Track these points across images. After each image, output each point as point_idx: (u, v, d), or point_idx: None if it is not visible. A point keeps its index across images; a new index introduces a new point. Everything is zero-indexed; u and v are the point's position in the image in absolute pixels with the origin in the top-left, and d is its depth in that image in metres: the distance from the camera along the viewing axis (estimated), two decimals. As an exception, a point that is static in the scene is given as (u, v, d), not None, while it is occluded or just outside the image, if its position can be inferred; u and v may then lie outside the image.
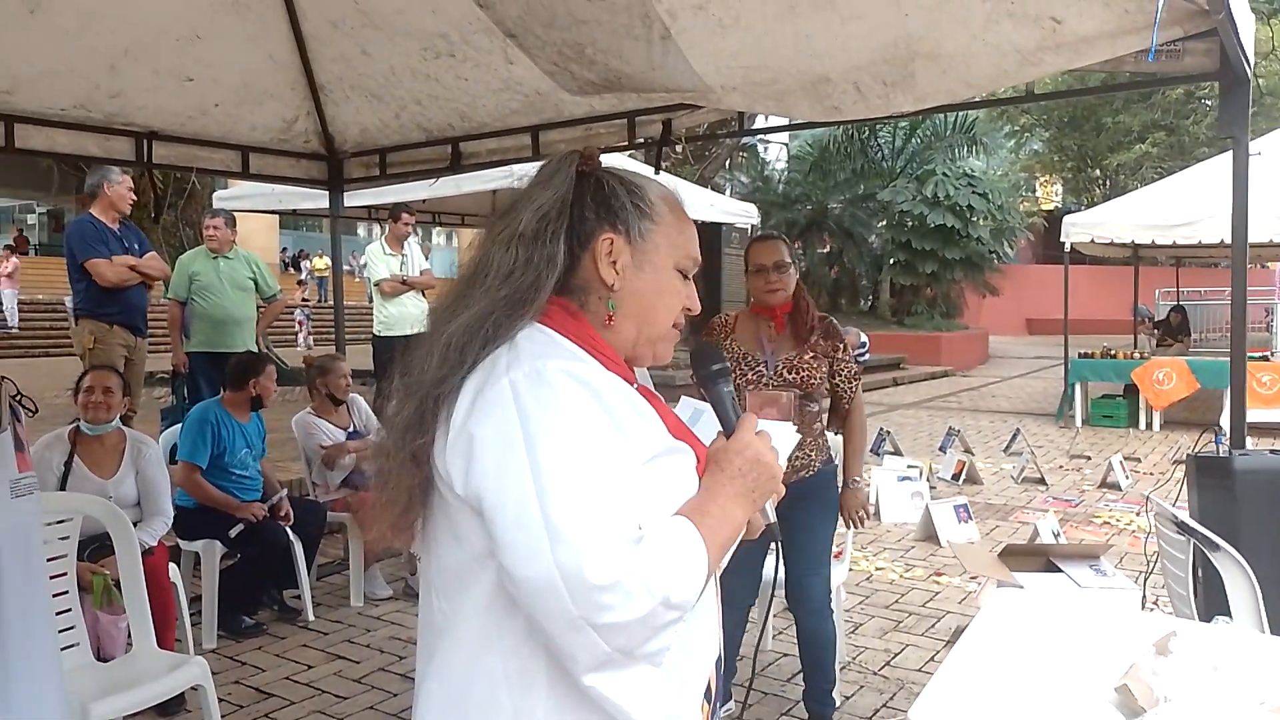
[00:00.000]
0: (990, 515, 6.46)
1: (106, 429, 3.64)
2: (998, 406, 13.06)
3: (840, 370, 3.12)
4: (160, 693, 2.81)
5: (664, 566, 1.04)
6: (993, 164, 27.08)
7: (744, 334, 3.14)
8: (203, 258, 6.04)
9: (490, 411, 1.09)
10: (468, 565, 1.13)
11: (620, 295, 1.22)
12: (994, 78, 2.96)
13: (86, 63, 3.70)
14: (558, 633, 1.03)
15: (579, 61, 3.43)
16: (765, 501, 1.22)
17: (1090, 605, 2.17)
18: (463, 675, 1.14)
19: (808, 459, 3.05)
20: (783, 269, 3.04)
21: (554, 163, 1.25)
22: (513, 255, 1.19)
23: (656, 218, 1.24)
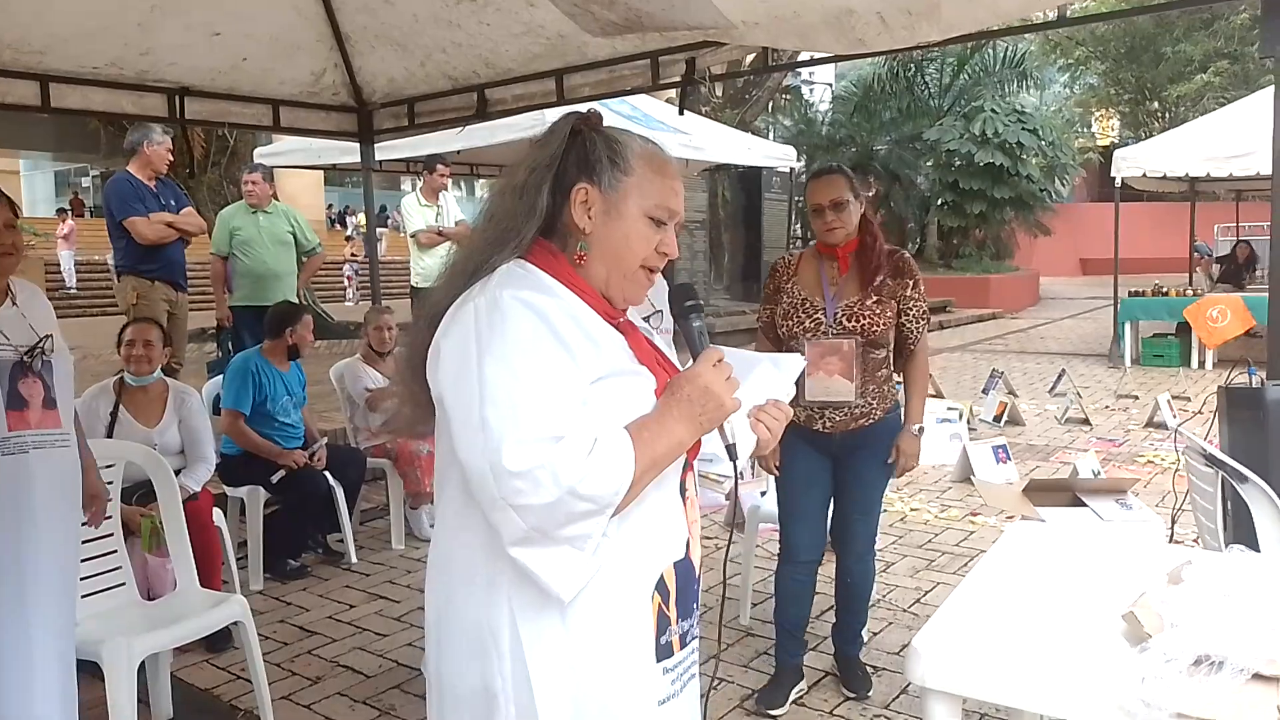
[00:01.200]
0: (1031, 456, 6.39)
1: (149, 379, 3.76)
2: (1046, 348, 12.83)
3: (910, 309, 2.93)
4: (201, 627, 2.94)
5: (577, 462, 1.22)
6: (1046, 99, 26.24)
7: (806, 276, 3.00)
8: (243, 213, 6.14)
9: (456, 329, 1.32)
10: (447, 457, 1.35)
11: (591, 238, 1.41)
12: (1023, 4, 2.87)
13: (116, 20, 3.74)
14: (487, 511, 1.27)
15: (599, 2, 3.38)
16: (713, 426, 1.38)
17: (1110, 538, 2.16)
18: (447, 549, 1.40)
19: (869, 406, 2.92)
20: (841, 207, 2.87)
21: (556, 124, 1.45)
22: (504, 204, 1.42)
23: (629, 170, 1.41)
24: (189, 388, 3.98)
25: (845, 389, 2.86)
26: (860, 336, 2.86)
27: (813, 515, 3.05)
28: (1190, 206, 13.96)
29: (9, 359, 2.42)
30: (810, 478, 3.01)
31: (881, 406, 2.94)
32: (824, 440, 2.95)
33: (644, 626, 1.38)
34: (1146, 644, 1.51)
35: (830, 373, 2.88)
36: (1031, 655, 1.54)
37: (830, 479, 3.03)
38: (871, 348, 2.88)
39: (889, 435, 2.98)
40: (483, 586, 1.34)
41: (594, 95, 4.14)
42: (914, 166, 21.20)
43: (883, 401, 2.95)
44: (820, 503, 3.05)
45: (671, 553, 1.41)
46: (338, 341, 10.81)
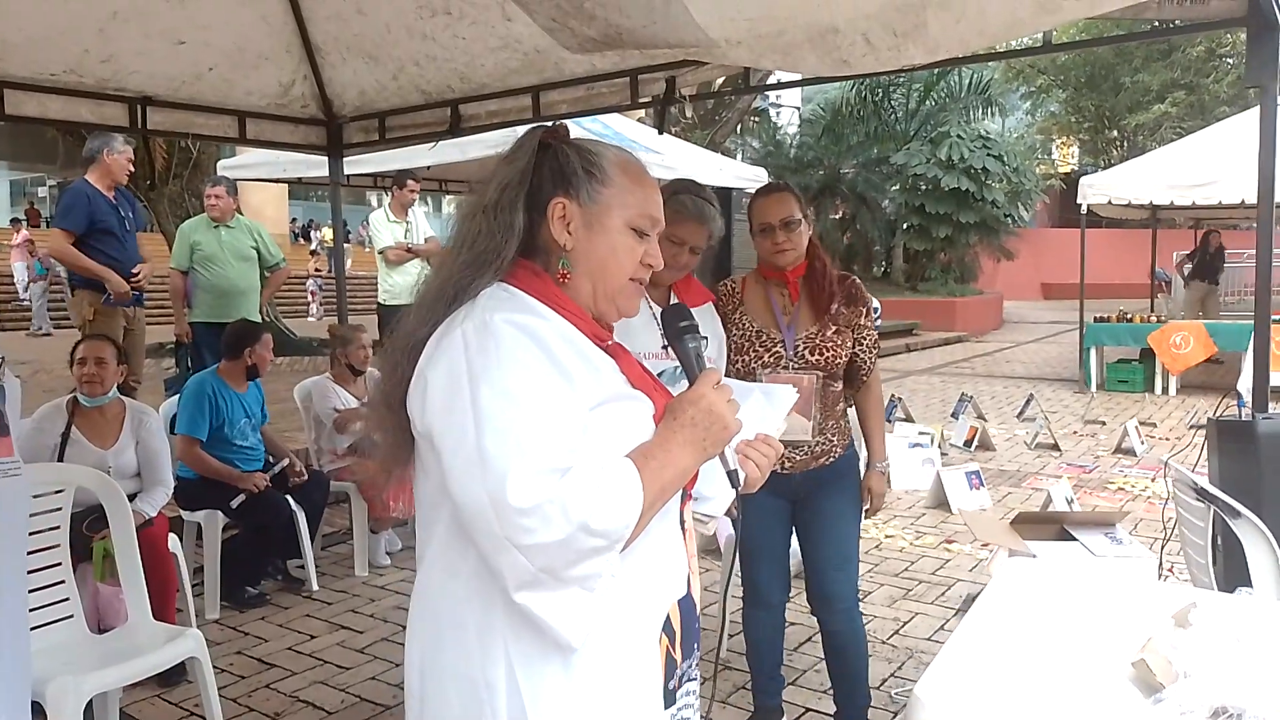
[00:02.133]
0: (1003, 482, 6.38)
1: (103, 400, 3.59)
2: (1012, 372, 12.93)
3: (863, 339, 2.74)
4: (154, 665, 2.78)
5: (586, 496, 1.14)
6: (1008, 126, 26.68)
7: (754, 304, 2.76)
8: (204, 227, 5.98)
9: (443, 357, 1.23)
10: (433, 497, 1.27)
11: (573, 254, 1.34)
12: (1009, 26, 2.83)
13: (75, 26, 3.60)
14: (489, 553, 1.16)
15: (578, 17, 3.31)
16: (717, 450, 1.31)
17: (1105, 575, 2.10)
18: (435, 595, 1.30)
19: (828, 444, 2.72)
20: (792, 226, 2.65)
21: (522, 138, 1.38)
22: (477, 225, 1.33)
23: (607, 181, 1.34)
24: (147, 408, 3.81)
25: (802, 427, 2.64)
26: (822, 371, 2.65)
27: (777, 554, 2.86)
28: (1152, 233, 14.19)
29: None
30: (771, 521, 2.81)
31: (841, 443, 2.76)
32: (783, 482, 2.67)
33: (654, 671, 1.30)
34: (1160, 695, 1.44)
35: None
36: (1041, 704, 1.46)
37: (790, 520, 2.83)
38: (830, 381, 2.70)
39: (851, 471, 2.80)
40: (475, 637, 1.24)
41: (571, 112, 4.06)
42: (881, 190, 21.42)
43: (842, 437, 2.76)
44: (783, 540, 2.86)
45: (675, 589, 1.35)
46: (300, 359, 10.60)
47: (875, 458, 2.82)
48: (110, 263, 5.07)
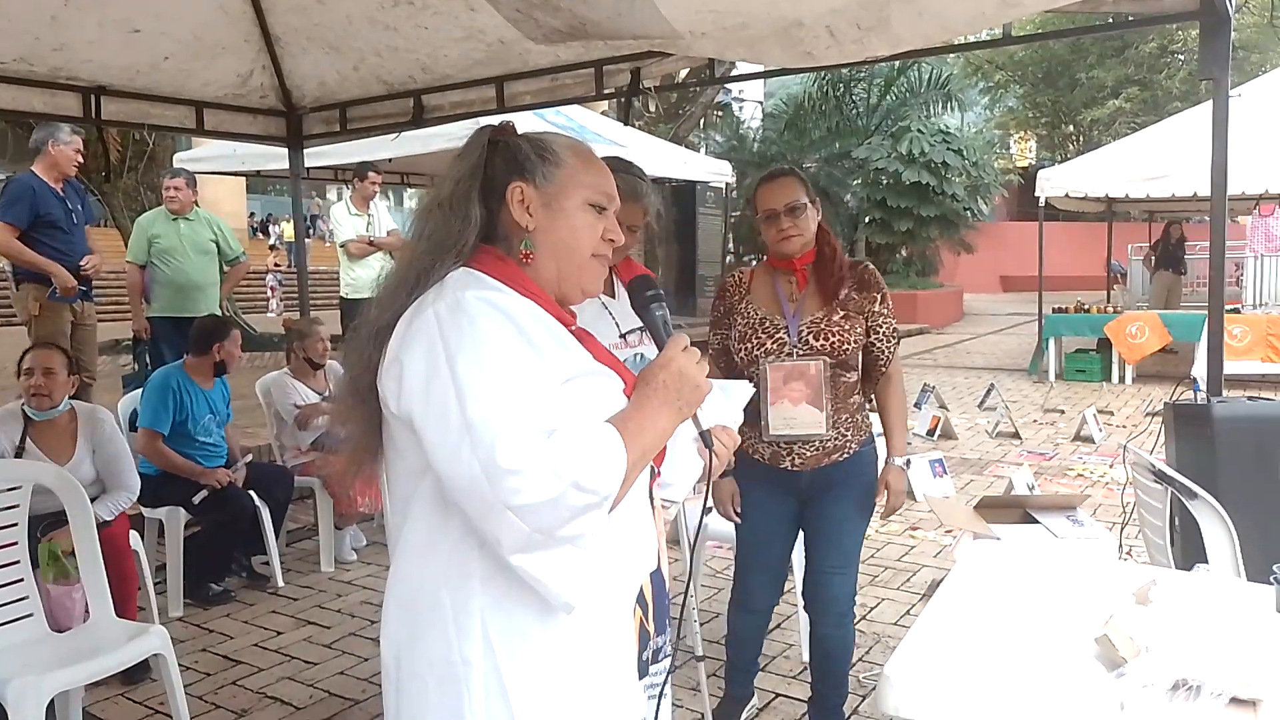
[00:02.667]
0: (965, 470, 6.47)
1: (53, 414, 3.38)
2: (972, 363, 13.10)
3: (879, 327, 2.60)
4: (117, 663, 2.73)
5: (574, 454, 1.16)
6: (968, 121, 26.99)
7: (761, 293, 2.67)
8: (163, 220, 5.88)
9: (417, 338, 1.25)
10: (408, 479, 1.30)
11: (535, 234, 1.37)
12: (972, 20, 2.87)
13: (25, 13, 3.52)
14: (482, 518, 1.18)
15: (543, 8, 3.29)
16: (691, 411, 1.34)
17: (1067, 556, 2.14)
18: (410, 580, 1.31)
19: (842, 439, 2.57)
20: (797, 212, 2.55)
21: (472, 137, 1.43)
22: (434, 220, 1.37)
23: (560, 163, 1.39)
24: (101, 410, 3.60)
25: (814, 419, 2.52)
26: (829, 357, 2.53)
27: (773, 567, 2.77)
28: (1108, 226, 14.44)
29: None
30: (774, 529, 2.70)
31: (856, 438, 2.60)
32: (791, 480, 2.60)
33: (628, 641, 1.34)
34: (1122, 669, 1.48)
35: (796, 400, 2.54)
36: (1007, 681, 1.49)
37: (795, 525, 2.71)
38: (842, 370, 2.56)
39: (866, 471, 2.63)
40: (451, 615, 1.26)
41: (535, 104, 4.05)
42: (843, 184, 21.57)
43: (857, 433, 2.60)
44: (782, 554, 2.77)
45: (647, 563, 1.39)
46: (260, 354, 10.46)
47: (895, 452, 2.67)
48: (57, 256, 4.96)
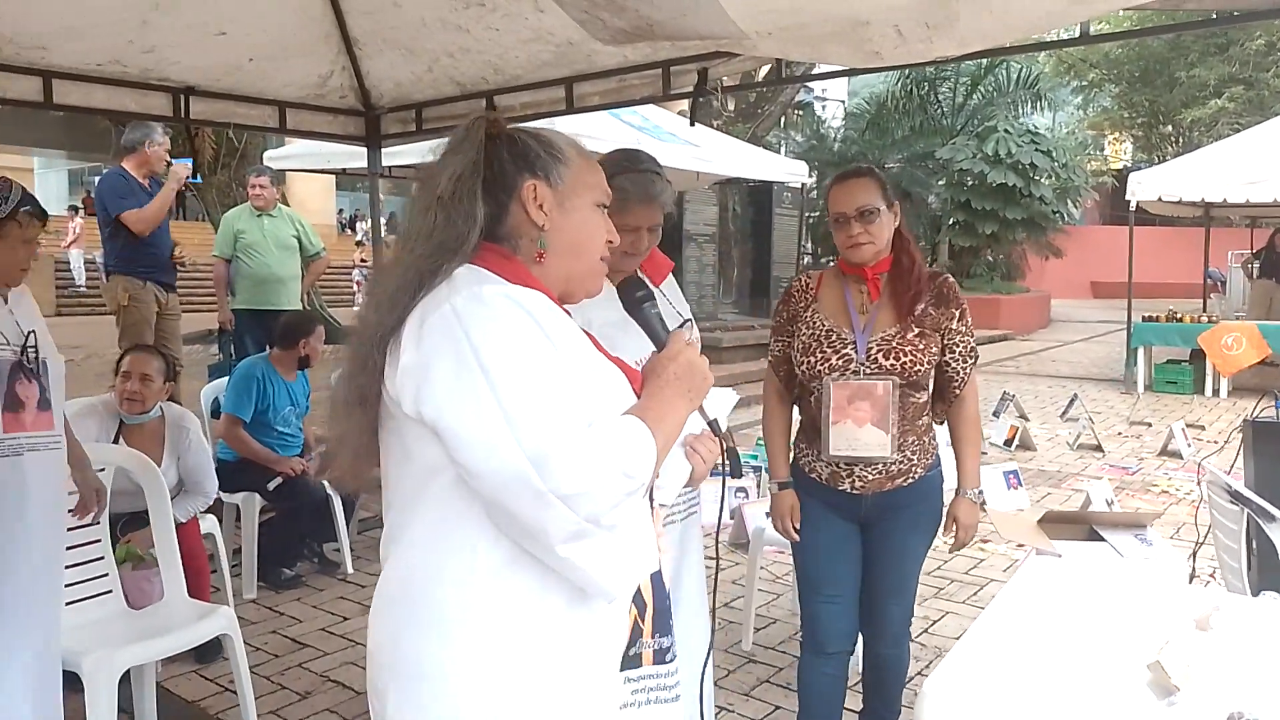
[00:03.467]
0: (1042, 482, 6.28)
1: (144, 419, 3.48)
2: (1057, 371, 12.71)
3: (956, 345, 2.39)
4: (186, 641, 2.86)
5: (617, 441, 1.19)
6: (1059, 121, 26.19)
7: (829, 302, 2.46)
8: (247, 216, 6.10)
9: (436, 335, 1.22)
10: (417, 479, 1.27)
11: (549, 234, 1.35)
12: (1042, 18, 2.78)
13: (118, 17, 3.67)
14: (528, 512, 1.16)
15: (609, 9, 3.30)
16: (699, 401, 1.37)
17: (1131, 576, 2.06)
18: (409, 578, 1.28)
19: (907, 463, 2.39)
20: (870, 217, 2.35)
21: (462, 130, 1.37)
22: (432, 218, 1.31)
23: (568, 161, 1.38)
24: (188, 416, 3.67)
25: (878, 442, 2.35)
26: (899, 377, 2.33)
27: (843, 596, 2.51)
28: (1205, 232, 13.84)
29: (7, 359, 2.37)
30: (836, 550, 2.51)
31: (922, 462, 2.41)
32: (852, 503, 2.44)
33: (618, 638, 1.33)
34: (1174, 697, 1.42)
35: (860, 421, 2.36)
36: (1049, 704, 1.45)
37: (859, 551, 2.52)
38: (911, 390, 2.37)
39: (930, 497, 2.46)
40: (453, 617, 1.24)
41: (603, 104, 4.06)
42: (926, 185, 21.14)
43: (924, 456, 2.42)
44: (851, 580, 2.52)
45: (649, 564, 1.36)
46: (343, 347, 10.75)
47: (967, 483, 2.47)
48: (145, 248, 5.19)
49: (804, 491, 2.51)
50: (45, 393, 2.46)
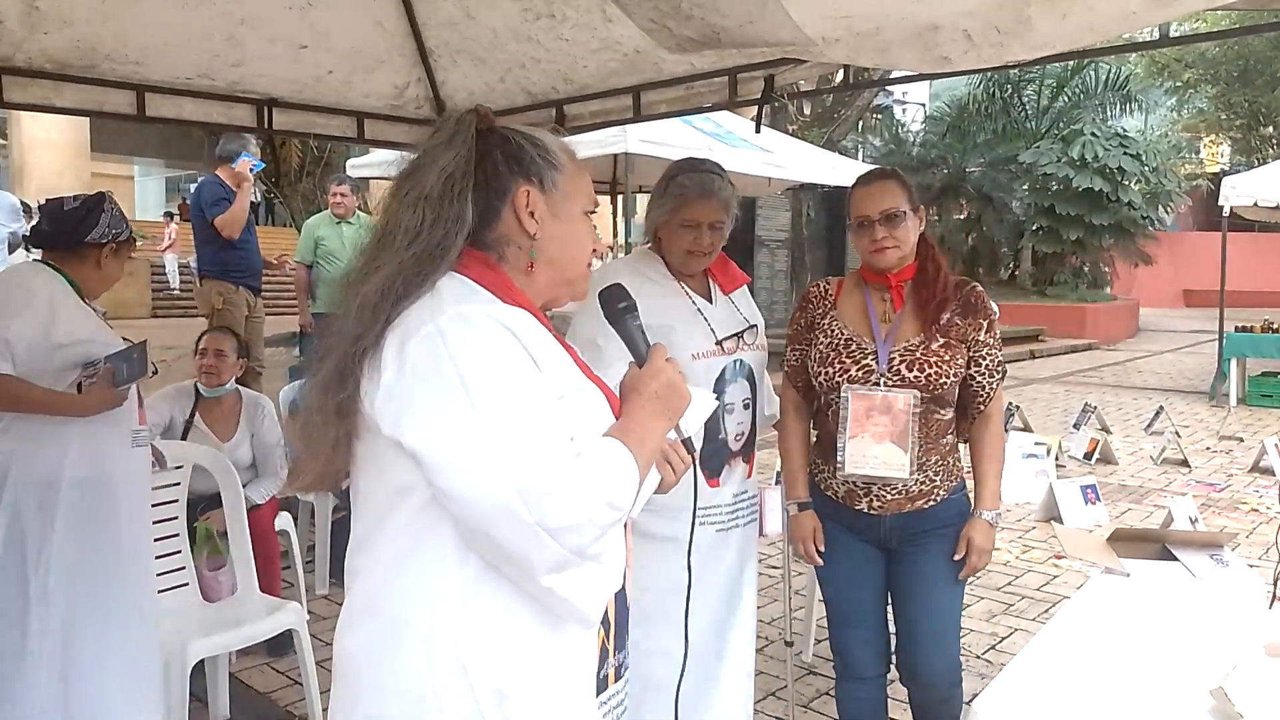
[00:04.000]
0: (1123, 497, 6.07)
1: (220, 392, 3.71)
2: (1144, 383, 12.26)
3: (982, 359, 2.25)
4: (256, 633, 2.97)
5: (602, 472, 1.17)
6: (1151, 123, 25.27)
7: (848, 309, 2.35)
8: (327, 223, 6.29)
9: (420, 358, 1.16)
10: (388, 497, 1.22)
11: (540, 243, 1.30)
12: (1121, 20, 2.69)
13: (207, 33, 3.83)
14: (513, 542, 1.14)
15: (676, 17, 3.33)
16: (677, 419, 1.34)
17: (1202, 597, 1.98)
18: (376, 595, 1.24)
19: (929, 483, 2.24)
20: (894, 221, 2.23)
21: (452, 123, 1.30)
22: (419, 216, 1.23)
23: (561, 166, 1.32)
24: (263, 399, 3.93)
25: (897, 461, 2.20)
26: (922, 390, 2.19)
27: (868, 620, 2.38)
28: (1306, 238, 13.20)
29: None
30: (859, 576, 2.37)
31: (946, 484, 2.27)
32: (870, 524, 2.30)
33: (588, 660, 1.29)
34: (1237, 726, 1.36)
35: (879, 437, 2.21)
36: (1105, 728, 1.40)
37: (884, 575, 2.37)
38: (935, 406, 2.23)
39: (958, 521, 2.29)
40: (421, 639, 1.20)
41: (670, 112, 4.08)
42: (1008, 189, 20.64)
43: (948, 477, 2.28)
44: (875, 602, 2.39)
45: (614, 583, 1.32)
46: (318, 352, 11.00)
47: (983, 504, 2.28)
48: (235, 253, 5.40)
49: (821, 512, 2.38)
50: (139, 390, 2.63)
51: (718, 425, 2.45)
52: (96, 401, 2.39)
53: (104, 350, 2.45)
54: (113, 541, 2.47)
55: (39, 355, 2.38)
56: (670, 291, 2.48)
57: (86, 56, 3.59)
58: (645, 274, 2.46)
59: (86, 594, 2.42)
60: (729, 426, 2.47)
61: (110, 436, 2.47)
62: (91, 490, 2.43)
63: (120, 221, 2.64)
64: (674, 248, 2.47)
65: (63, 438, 2.40)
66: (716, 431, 2.45)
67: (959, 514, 2.29)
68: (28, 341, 2.36)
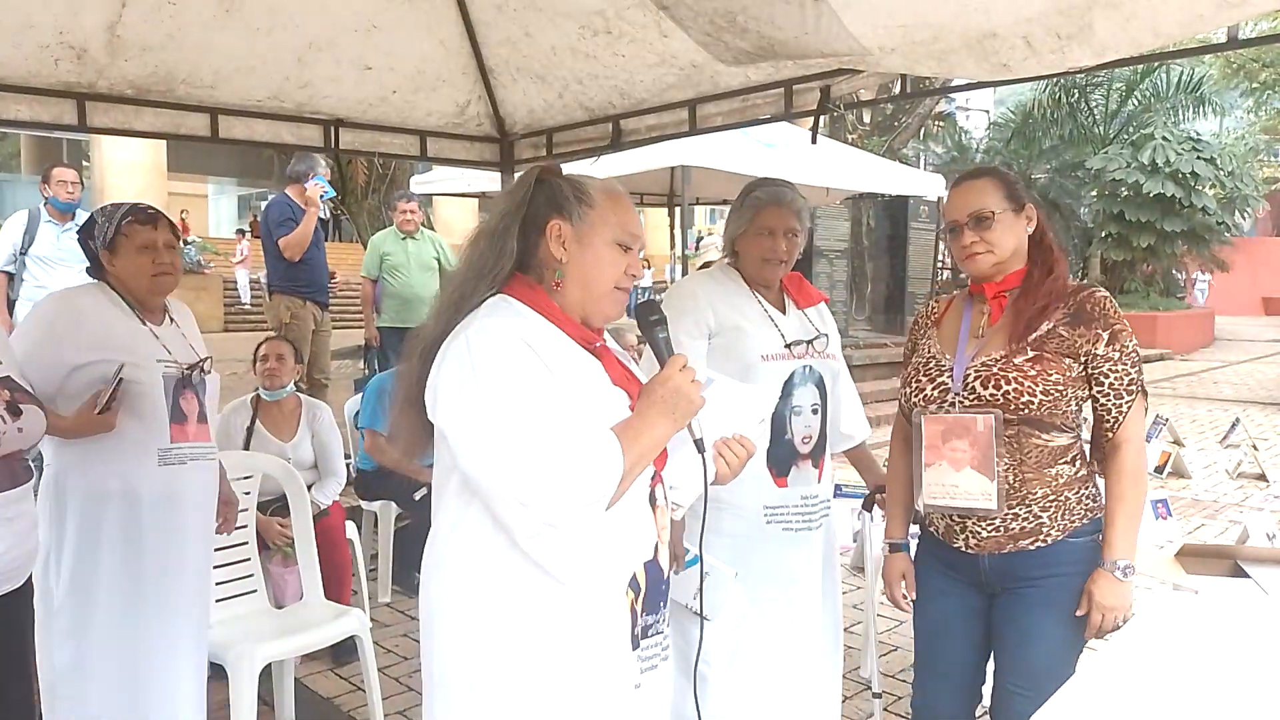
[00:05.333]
0: (1196, 512, 5.88)
1: (282, 394, 3.91)
2: (1219, 394, 11.86)
3: (1104, 376, 1.99)
4: (321, 639, 3.04)
5: (579, 459, 1.42)
6: (1227, 126, 24.50)
7: (949, 326, 2.19)
8: (393, 238, 6.43)
9: (451, 361, 1.49)
10: (442, 473, 1.56)
11: (567, 266, 1.59)
12: (1187, 23, 2.63)
13: (277, 57, 3.97)
14: (499, 510, 1.45)
15: (732, 30, 3.35)
16: (686, 421, 1.55)
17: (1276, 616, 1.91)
18: (441, 554, 1.57)
19: (1034, 520, 2.00)
20: (985, 223, 2.04)
21: (523, 175, 1.65)
22: (480, 248, 1.60)
23: (593, 204, 1.59)
24: (320, 402, 4.13)
25: (981, 490, 2.00)
26: (1003, 410, 1.98)
27: (953, 672, 2.18)
28: (1394, 243, 12.65)
29: (173, 374, 2.57)
30: (952, 621, 2.16)
31: (1060, 522, 2.01)
32: (968, 565, 2.09)
33: (621, 617, 1.54)
34: (1309, 749, 1.32)
35: (958, 464, 2.03)
36: (1169, 749, 1.37)
37: (982, 624, 2.14)
38: (1033, 430, 1.99)
39: (1068, 565, 2.01)
40: (472, 587, 1.51)
41: (726, 124, 4.10)
42: (1075, 196, 20.16)
43: (1063, 515, 2.01)
44: (967, 655, 2.17)
45: (643, 554, 1.58)
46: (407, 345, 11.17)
47: (1111, 552, 1.98)
48: (304, 268, 5.56)
49: (923, 548, 2.25)
50: (203, 407, 2.66)
51: (784, 426, 2.52)
52: (74, 425, 2.36)
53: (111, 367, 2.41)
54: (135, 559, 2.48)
55: (53, 378, 2.39)
56: (743, 297, 2.60)
57: (164, 81, 3.74)
58: (721, 281, 2.63)
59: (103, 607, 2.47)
60: (795, 428, 2.54)
61: (130, 454, 2.46)
62: (120, 505, 2.46)
63: (108, 220, 2.54)
64: (750, 256, 2.60)
65: (97, 453, 2.42)
66: (783, 432, 2.52)
67: (1080, 560, 2.01)
68: (39, 365, 2.36)
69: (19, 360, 2.30)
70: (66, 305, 2.51)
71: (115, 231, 2.52)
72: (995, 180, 2.13)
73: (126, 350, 2.47)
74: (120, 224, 2.53)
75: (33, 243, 5.15)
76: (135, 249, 2.52)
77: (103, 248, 2.54)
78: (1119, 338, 2.00)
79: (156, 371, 2.52)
